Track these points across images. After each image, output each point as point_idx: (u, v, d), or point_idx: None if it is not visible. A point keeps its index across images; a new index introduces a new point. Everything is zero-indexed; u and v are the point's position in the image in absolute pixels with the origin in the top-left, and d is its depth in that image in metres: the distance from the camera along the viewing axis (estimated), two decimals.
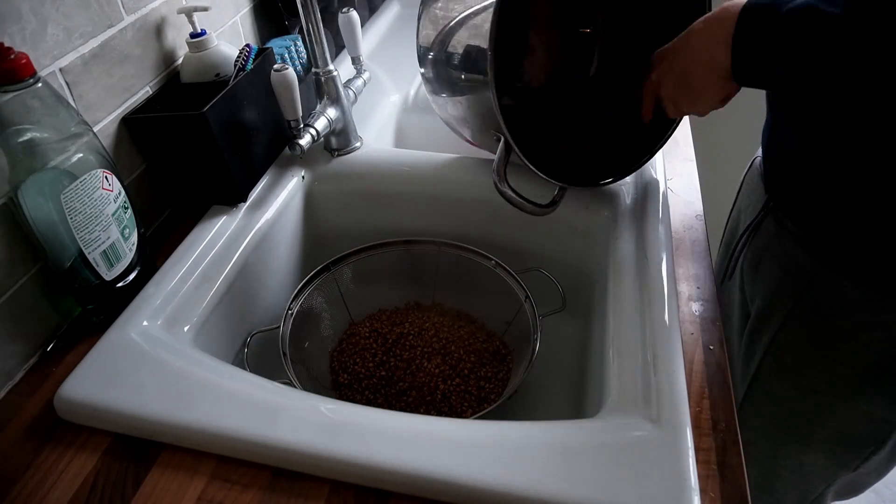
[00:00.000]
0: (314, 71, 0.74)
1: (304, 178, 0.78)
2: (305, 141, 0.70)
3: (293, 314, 0.67)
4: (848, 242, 0.60)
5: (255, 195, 0.73)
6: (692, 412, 0.49)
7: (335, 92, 0.75)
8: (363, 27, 0.99)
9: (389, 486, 0.46)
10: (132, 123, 0.67)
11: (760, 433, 0.77)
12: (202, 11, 0.72)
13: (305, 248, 0.81)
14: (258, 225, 0.70)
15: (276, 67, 0.68)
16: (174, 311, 0.59)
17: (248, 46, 0.72)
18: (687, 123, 0.86)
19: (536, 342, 0.63)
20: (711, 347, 0.56)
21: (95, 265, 0.57)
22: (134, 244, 0.61)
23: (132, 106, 0.68)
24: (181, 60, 0.74)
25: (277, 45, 0.86)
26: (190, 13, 0.71)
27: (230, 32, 0.84)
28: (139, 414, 0.50)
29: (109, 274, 0.59)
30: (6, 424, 0.53)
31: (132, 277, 0.62)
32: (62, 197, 0.53)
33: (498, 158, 0.61)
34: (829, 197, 0.61)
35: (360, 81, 0.83)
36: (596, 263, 0.70)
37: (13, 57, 0.49)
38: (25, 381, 0.57)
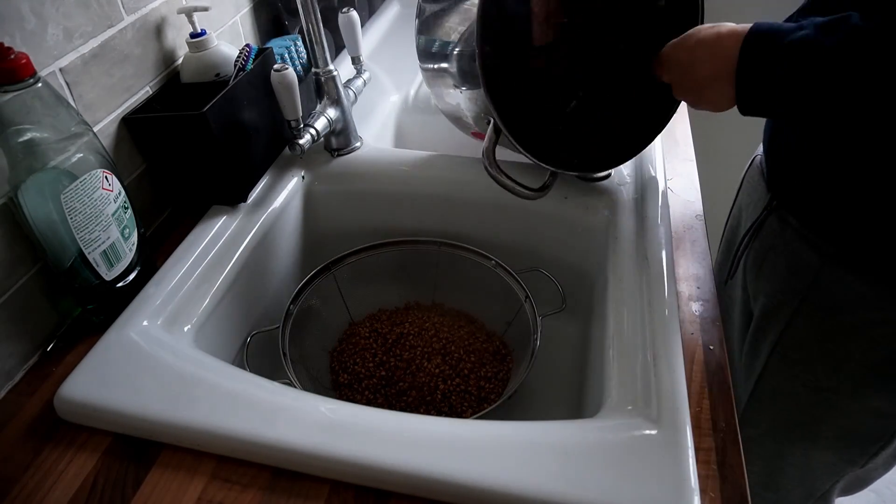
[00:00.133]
0: (314, 71, 0.74)
1: (304, 178, 0.78)
2: (305, 141, 0.70)
3: (293, 314, 0.67)
4: (853, 238, 0.60)
5: (255, 195, 0.73)
6: (692, 412, 0.49)
7: (335, 92, 0.75)
8: (363, 27, 1.00)
9: (389, 486, 0.46)
10: (132, 123, 0.67)
11: (766, 431, 0.77)
12: (202, 11, 0.72)
13: (305, 248, 0.81)
14: (258, 225, 0.70)
15: (276, 67, 0.68)
16: (174, 311, 0.59)
17: (248, 46, 0.72)
18: (687, 123, 0.86)
19: (536, 342, 0.63)
20: (711, 347, 0.56)
21: (95, 265, 0.57)
22: (134, 244, 0.61)
23: (132, 106, 0.68)
24: (181, 60, 0.74)
25: (277, 45, 0.86)
26: (190, 13, 0.71)
27: (230, 32, 0.84)
28: (139, 414, 0.50)
29: (109, 274, 0.59)
30: (6, 424, 0.53)
31: (132, 277, 0.62)
32: (62, 197, 0.53)
33: (487, 139, 0.61)
34: (832, 193, 0.61)
35: (360, 81, 0.83)
36: (596, 263, 0.70)
37: (13, 57, 0.49)
38: (25, 381, 0.57)
